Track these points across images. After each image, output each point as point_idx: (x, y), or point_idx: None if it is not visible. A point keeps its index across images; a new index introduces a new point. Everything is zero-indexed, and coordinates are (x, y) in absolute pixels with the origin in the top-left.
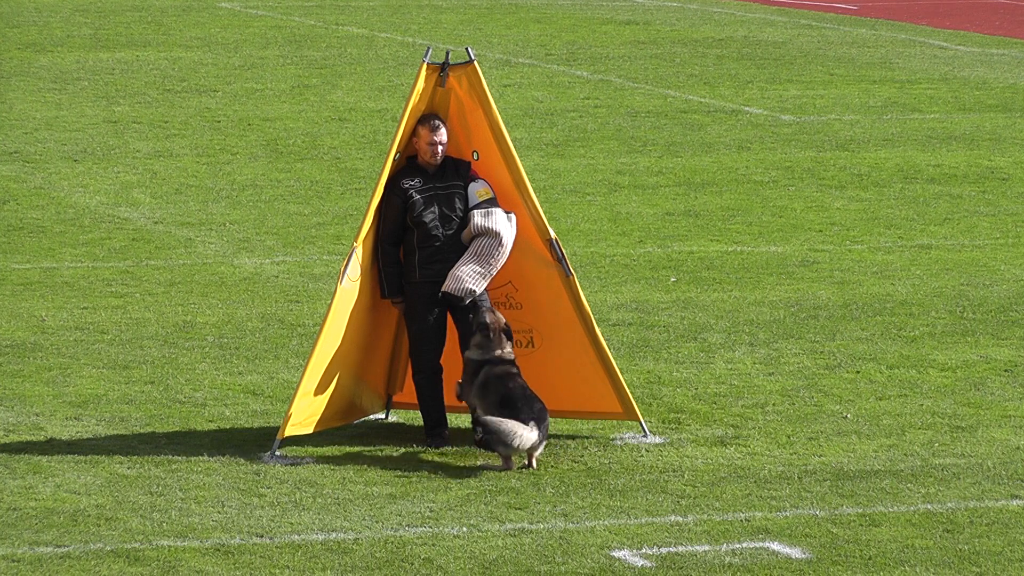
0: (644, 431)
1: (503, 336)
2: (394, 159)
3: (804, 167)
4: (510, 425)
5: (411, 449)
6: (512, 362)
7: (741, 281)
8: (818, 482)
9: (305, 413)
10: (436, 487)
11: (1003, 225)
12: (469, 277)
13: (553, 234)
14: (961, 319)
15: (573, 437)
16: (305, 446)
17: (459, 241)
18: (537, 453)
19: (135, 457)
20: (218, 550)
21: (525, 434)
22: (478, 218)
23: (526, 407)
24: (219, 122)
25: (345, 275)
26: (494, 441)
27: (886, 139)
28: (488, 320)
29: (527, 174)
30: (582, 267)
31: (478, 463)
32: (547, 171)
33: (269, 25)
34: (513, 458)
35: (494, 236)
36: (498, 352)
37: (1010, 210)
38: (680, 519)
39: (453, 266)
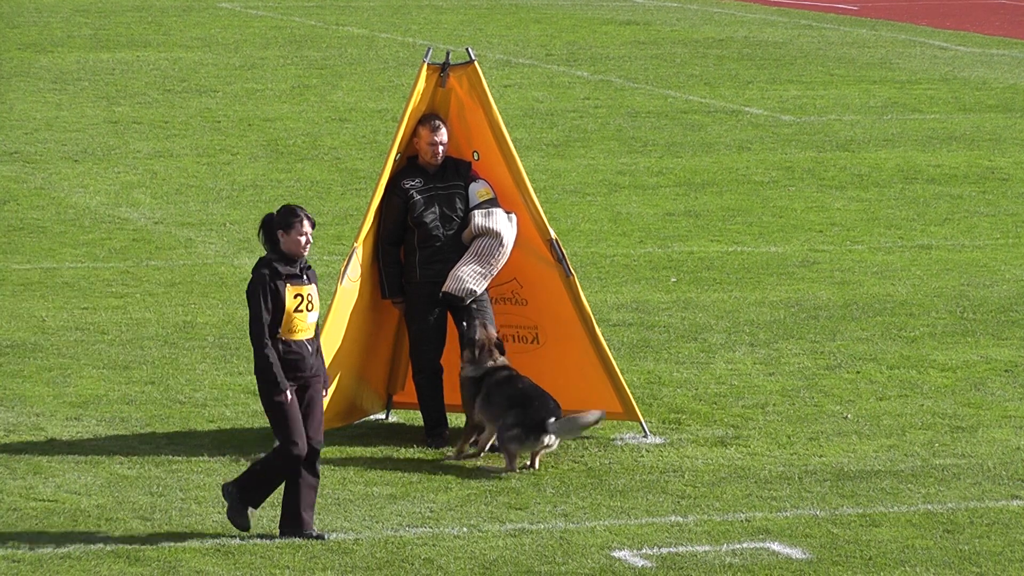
0: (644, 431)
1: (494, 350)
2: (395, 159)
3: (804, 167)
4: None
5: (411, 449)
6: (508, 367)
7: (741, 281)
8: (818, 482)
9: None
10: (436, 487)
11: (1003, 225)
12: (470, 277)
13: (553, 234)
14: (961, 319)
15: (573, 437)
16: None
17: (460, 241)
18: (542, 454)
19: (135, 457)
20: (218, 550)
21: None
22: (479, 218)
23: (542, 405)
24: (219, 122)
25: (345, 275)
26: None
27: (886, 139)
28: (477, 336)
29: (527, 174)
30: (582, 267)
31: (479, 464)
32: (547, 171)
33: (269, 25)
34: (516, 459)
35: (495, 236)
36: (491, 363)
37: (1010, 210)
38: (680, 519)
39: (454, 266)
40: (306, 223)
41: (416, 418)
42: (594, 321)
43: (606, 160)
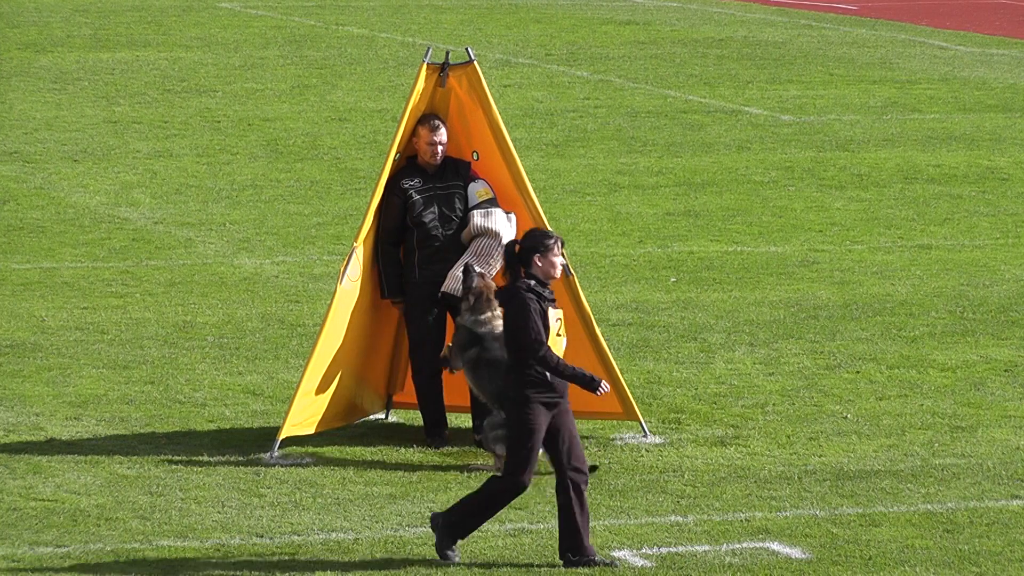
0: (644, 431)
1: (493, 299)
2: (394, 159)
3: (804, 167)
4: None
5: (411, 449)
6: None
7: (741, 281)
8: (818, 482)
9: (305, 413)
10: (436, 487)
11: (1003, 225)
12: None
13: None
14: (961, 319)
15: None
16: (305, 446)
17: (459, 241)
18: None
19: (135, 457)
20: (218, 550)
21: None
22: (478, 218)
23: None
24: (219, 122)
25: (345, 275)
26: (491, 441)
27: (886, 139)
28: (475, 284)
29: (527, 174)
30: (582, 267)
31: (477, 463)
32: (547, 171)
33: (269, 25)
34: (503, 459)
35: (493, 236)
36: (487, 315)
37: (1010, 210)
38: (680, 519)
39: (453, 266)
40: (561, 245)
41: (416, 418)
42: (594, 321)
43: (606, 160)
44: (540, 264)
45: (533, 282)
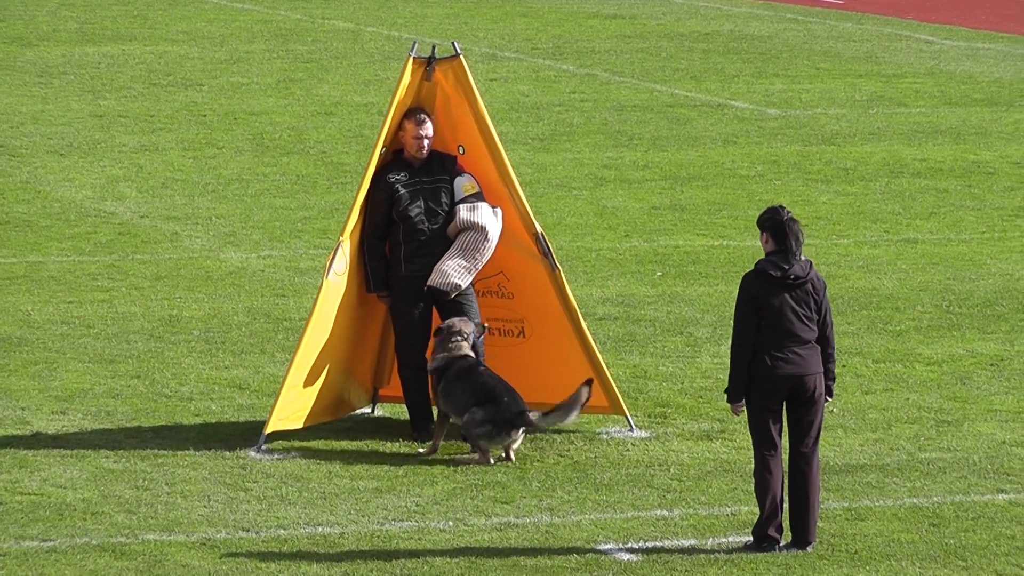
0: (630, 425)
1: (457, 338)
2: (380, 153)
3: (790, 161)
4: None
5: (397, 443)
6: (467, 356)
7: (727, 275)
8: None
9: (292, 408)
10: (422, 481)
11: (989, 219)
12: (454, 271)
13: (539, 228)
14: (947, 313)
15: (559, 431)
16: (291, 440)
17: (445, 235)
18: (516, 445)
19: (121, 451)
20: (204, 544)
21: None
22: (464, 212)
23: (512, 400)
24: (205, 116)
25: (331, 269)
26: (474, 435)
27: (872, 133)
28: (445, 325)
29: (513, 168)
30: (568, 261)
31: (463, 456)
32: (533, 165)
33: (255, 19)
34: (488, 453)
35: (480, 230)
36: (445, 354)
37: (996, 204)
38: (666, 513)
39: (439, 260)
40: None
41: (402, 412)
42: (580, 315)
43: (592, 154)
44: None
45: None
